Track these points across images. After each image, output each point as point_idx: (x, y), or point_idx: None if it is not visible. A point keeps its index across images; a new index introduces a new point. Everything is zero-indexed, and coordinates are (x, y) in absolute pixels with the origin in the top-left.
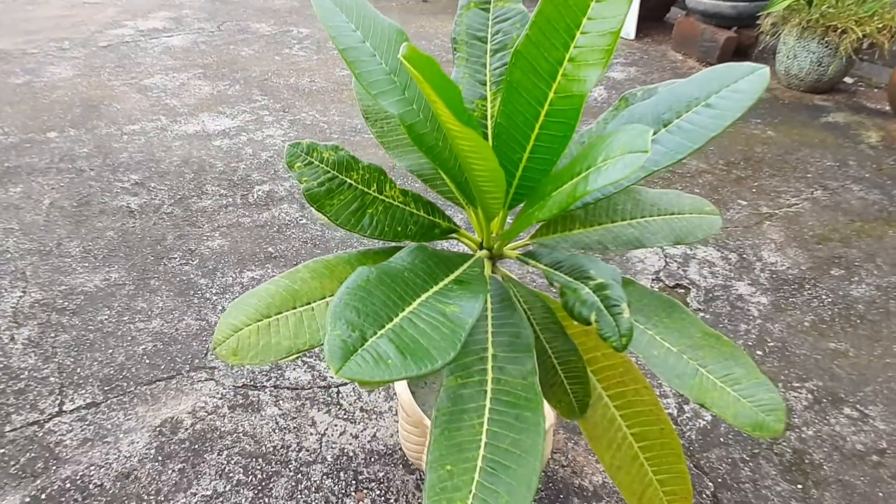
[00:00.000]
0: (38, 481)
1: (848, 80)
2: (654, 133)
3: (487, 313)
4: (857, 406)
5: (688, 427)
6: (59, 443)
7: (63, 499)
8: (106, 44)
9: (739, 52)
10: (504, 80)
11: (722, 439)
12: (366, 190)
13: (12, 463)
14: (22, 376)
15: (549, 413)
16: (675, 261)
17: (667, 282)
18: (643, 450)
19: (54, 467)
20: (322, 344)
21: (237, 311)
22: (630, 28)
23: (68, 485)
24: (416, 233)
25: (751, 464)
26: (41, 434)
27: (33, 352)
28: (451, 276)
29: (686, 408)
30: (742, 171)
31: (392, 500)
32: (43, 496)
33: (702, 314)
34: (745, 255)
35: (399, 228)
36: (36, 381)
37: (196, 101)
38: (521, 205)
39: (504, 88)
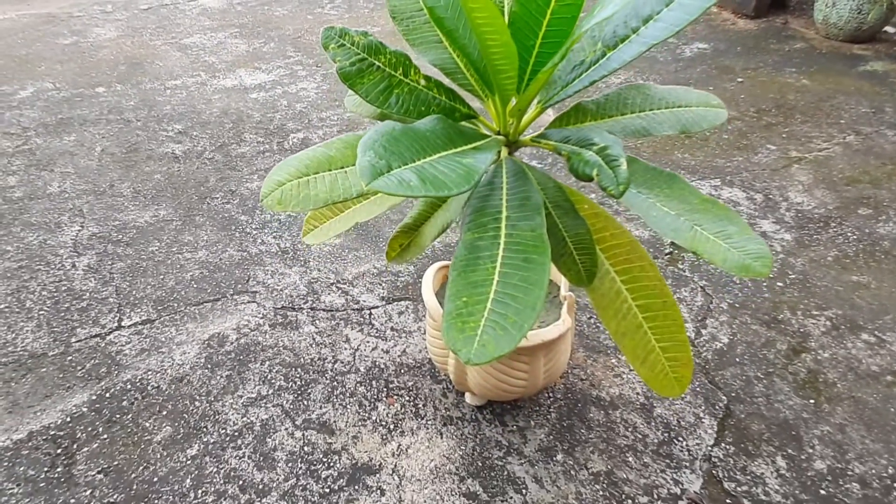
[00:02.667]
0: (103, 383)
1: (890, 29)
2: (657, 13)
3: (503, 183)
4: (875, 332)
5: (704, 348)
6: (120, 352)
7: (125, 397)
8: (146, 6)
9: (776, 3)
10: None
11: (738, 359)
12: (392, 72)
13: (79, 368)
14: (84, 297)
15: (567, 318)
16: None
17: None
18: (647, 319)
19: (116, 372)
20: (353, 197)
21: (281, 171)
22: None
23: (129, 386)
24: (439, 114)
25: (765, 381)
26: (103, 345)
27: (93, 276)
28: (469, 145)
29: (703, 332)
30: (773, 117)
31: (420, 406)
32: (107, 395)
33: None
34: (770, 196)
35: (423, 108)
36: (96, 301)
37: (233, 58)
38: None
39: None
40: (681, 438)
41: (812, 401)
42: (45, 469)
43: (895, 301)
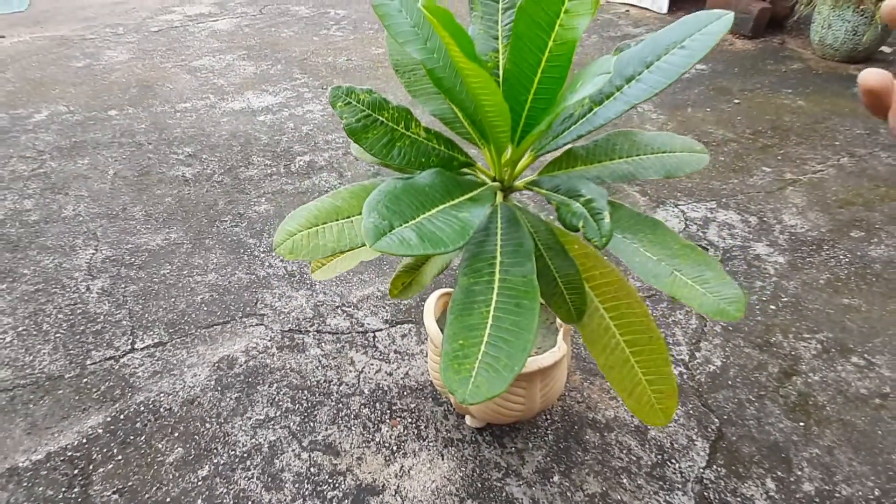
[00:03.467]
0: (117, 405)
1: (886, 49)
2: (639, 74)
3: (497, 230)
4: (865, 355)
5: (698, 371)
6: (133, 374)
7: (138, 419)
8: (157, 29)
9: (774, 22)
10: (511, 34)
11: (730, 382)
12: (395, 126)
13: (94, 390)
14: (98, 319)
15: (563, 345)
16: (696, 223)
17: None
18: (634, 354)
19: (129, 394)
20: (359, 246)
21: (292, 221)
22: (663, 2)
23: (142, 408)
24: (438, 164)
25: (756, 404)
26: (117, 367)
27: (107, 299)
28: (466, 196)
29: (697, 354)
30: (769, 139)
31: (423, 427)
32: (122, 416)
33: None
34: (765, 219)
35: (423, 160)
36: (110, 323)
37: (241, 81)
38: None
39: (511, 39)
40: (674, 461)
41: (802, 423)
42: (63, 489)
43: (885, 324)
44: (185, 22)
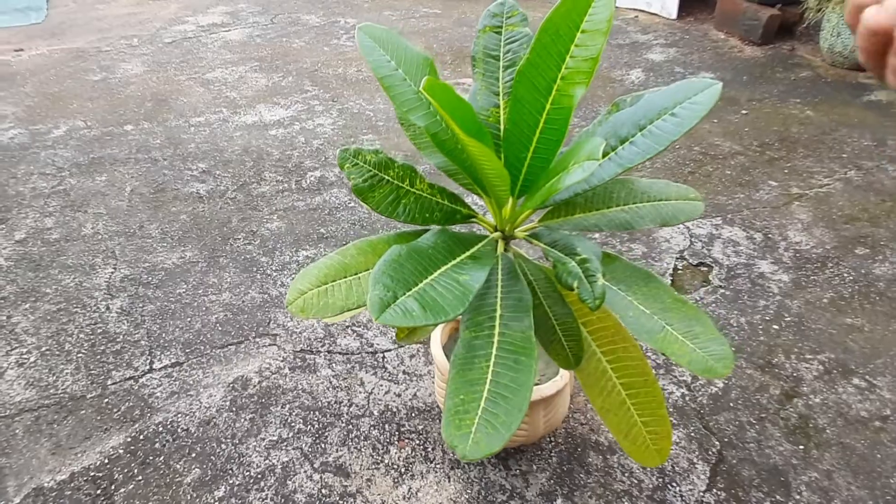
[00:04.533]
0: (137, 425)
1: None
2: (632, 136)
3: (498, 282)
4: (866, 377)
5: (700, 393)
6: (152, 395)
7: (157, 439)
8: (171, 40)
9: (783, 29)
10: (510, 94)
11: (731, 404)
12: (400, 184)
13: (115, 410)
14: (118, 339)
15: (565, 374)
16: (700, 240)
17: (690, 260)
18: (630, 396)
19: (148, 414)
20: (366, 304)
21: (302, 279)
22: (672, 7)
23: (161, 428)
24: (441, 218)
25: (757, 426)
26: (136, 387)
27: (126, 319)
28: (467, 253)
29: (700, 376)
30: (776, 151)
31: (430, 449)
32: (141, 437)
33: (722, 290)
34: (770, 235)
35: (427, 215)
36: (129, 343)
37: (253, 93)
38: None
39: (511, 101)
40: (674, 484)
41: (801, 446)
42: None
43: (887, 345)
44: (199, 33)
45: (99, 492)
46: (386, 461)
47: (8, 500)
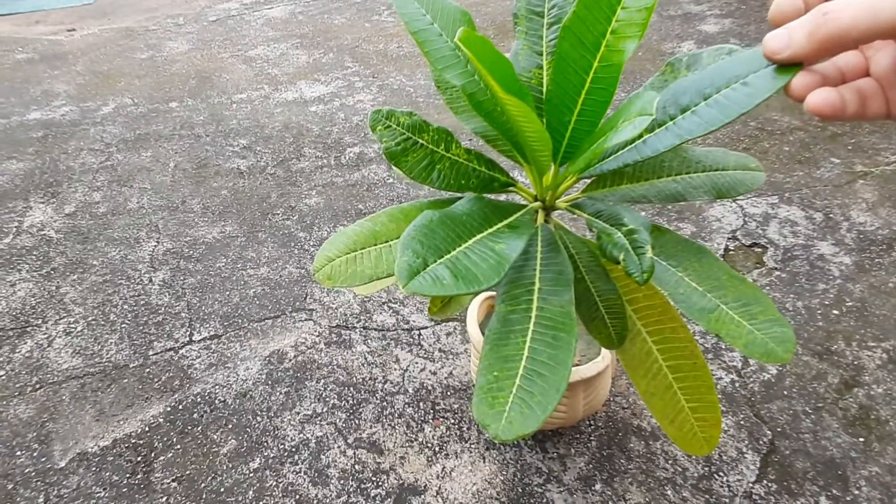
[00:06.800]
0: (176, 395)
1: None
2: (695, 105)
3: (537, 254)
4: None
5: (751, 379)
6: (191, 366)
7: (196, 409)
8: (215, 18)
9: None
10: (554, 52)
11: (785, 392)
12: (435, 149)
13: (156, 380)
14: (160, 311)
15: (607, 355)
16: (755, 220)
17: (743, 241)
18: (677, 380)
19: (187, 385)
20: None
21: (330, 246)
22: None
23: (199, 399)
24: (478, 185)
25: (813, 416)
26: (176, 358)
27: (167, 291)
28: (504, 222)
29: (751, 362)
30: (838, 127)
31: (465, 428)
32: (180, 406)
33: (777, 273)
34: (831, 215)
35: (463, 181)
36: (170, 315)
37: (294, 70)
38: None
39: (554, 59)
40: (721, 473)
41: (862, 439)
42: (128, 475)
43: None
44: (242, 10)
45: (139, 458)
46: (420, 439)
47: (55, 463)
